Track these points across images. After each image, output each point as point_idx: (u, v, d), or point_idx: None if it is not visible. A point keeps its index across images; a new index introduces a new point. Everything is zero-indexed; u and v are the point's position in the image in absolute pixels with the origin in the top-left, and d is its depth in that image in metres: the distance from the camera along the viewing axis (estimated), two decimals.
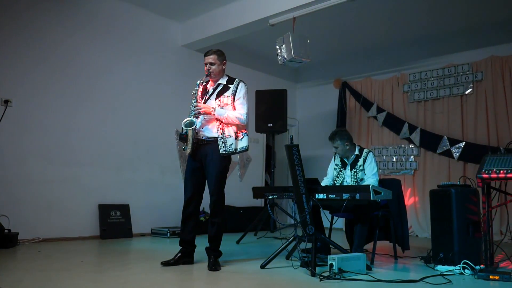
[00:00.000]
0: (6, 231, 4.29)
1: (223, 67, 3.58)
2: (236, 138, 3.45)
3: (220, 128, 3.41)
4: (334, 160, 4.26)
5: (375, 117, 7.26)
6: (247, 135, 3.53)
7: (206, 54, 3.55)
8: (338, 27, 6.42)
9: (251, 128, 6.32)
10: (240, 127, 3.49)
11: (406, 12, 5.85)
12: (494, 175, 3.21)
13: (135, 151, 5.76)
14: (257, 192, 4.04)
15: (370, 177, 3.91)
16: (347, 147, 4.05)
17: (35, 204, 4.78)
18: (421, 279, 3.00)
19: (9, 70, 4.72)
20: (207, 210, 3.83)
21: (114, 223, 5.37)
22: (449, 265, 3.42)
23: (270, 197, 3.78)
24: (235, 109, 3.46)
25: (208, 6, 5.91)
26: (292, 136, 3.70)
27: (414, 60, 7.00)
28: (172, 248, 3.62)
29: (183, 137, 3.42)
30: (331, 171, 4.25)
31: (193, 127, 3.37)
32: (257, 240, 5.43)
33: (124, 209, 5.54)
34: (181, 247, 3.49)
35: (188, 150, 3.42)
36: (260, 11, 5.42)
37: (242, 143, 3.48)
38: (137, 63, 5.90)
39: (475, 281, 3.04)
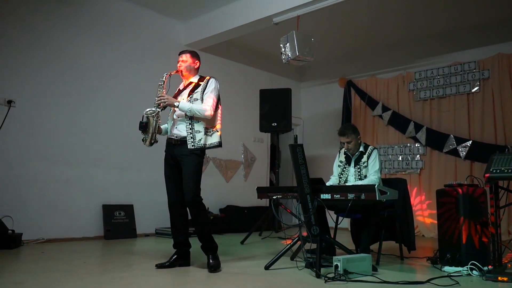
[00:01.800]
0: (9, 231, 4.28)
1: (196, 67, 3.54)
2: (206, 133, 3.35)
3: (190, 123, 3.33)
4: (339, 157, 4.21)
5: (380, 116, 7.20)
6: (218, 131, 3.43)
7: (180, 53, 3.56)
8: (343, 25, 6.37)
9: (255, 127, 6.30)
10: (210, 123, 3.39)
11: (412, 10, 5.79)
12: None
13: (139, 151, 5.68)
14: (261, 192, 4.00)
15: (372, 174, 3.86)
16: (359, 141, 4.01)
17: (39, 204, 4.77)
18: (428, 281, 2.95)
19: (13, 71, 4.72)
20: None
21: (118, 223, 5.35)
22: (457, 266, 3.36)
23: (274, 197, 3.74)
24: None
25: (211, 5, 5.88)
26: (296, 135, 3.65)
27: (419, 58, 6.93)
28: None
29: (142, 125, 3.33)
30: (336, 168, 4.21)
31: (154, 114, 3.30)
32: (261, 240, 5.40)
33: (128, 209, 5.53)
34: (175, 249, 3.44)
35: (147, 142, 3.35)
36: (263, 9, 5.38)
37: (212, 139, 3.38)
38: (141, 63, 5.88)
39: (483, 283, 2.98)
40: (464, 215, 3.46)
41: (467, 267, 3.25)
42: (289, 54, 4.95)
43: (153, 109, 3.35)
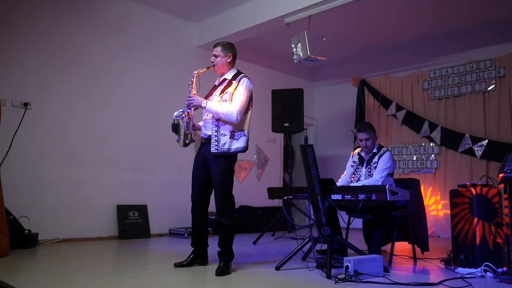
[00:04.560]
0: (26, 231, 4.37)
1: (228, 60, 3.40)
2: (232, 137, 3.24)
3: (216, 126, 3.26)
4: (352, 157, 4.20)
5: (394, 115, 7.13)
6: (245, 136, 3.32)
7: (214, 46, 3.46)
8: (355, 24, 6.33)
9: (267, 128, 6.31)
10: (238, 126, 3.28)
11: (425, 7, 5.72)
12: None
13: (152, 152, 5.79)
14: (272, 192, 4.00)
15: (376, 174, 3.82)
16: (375, 141, 4.01)
17: (54, 205, 4.86)
18: (440, 282, 2.92)
19: (30, 74, 4.81)
20: None
21: (132, 223, 5.41)
22: (470, 267, 3.32)
23: (285, 198, 3.74)
24: None
25: (223, 6, 5.90)
26: (307, 136, 3.65)
27: (434, 56, 6.85)
28: (189, 248, 3.60)
29: (173, 128, 3.34)
30: (348, 168, 4.19)
31: (181, 116, 3.30)
32: (274, 241, 5.40)
33: (142, 209, 5.58)
34: (193, 248, 3.46)
35: (180, 143, 3.35)
36: (275, 10, 5.38)
37: (238, 144, 3.27)
38: (154, 65, 5.94)
39: (497, 284, 2.94)
40: (478, 215, 3.41)
41: (481, 269, 3.20)
42: (301, 54, 4.94)
43: (181, 110, 3.34)
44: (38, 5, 4.92)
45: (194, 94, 3.38)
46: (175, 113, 3.36)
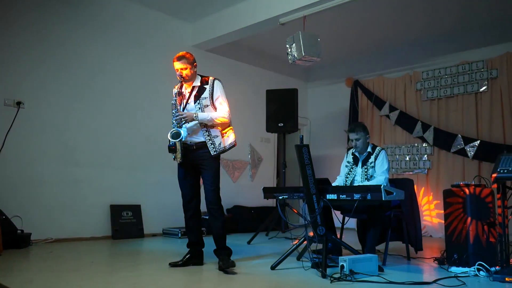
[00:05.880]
0: (19, 231, 4.33)
1: (195, 69, 3.52)
2: (223, 136, 3.47)
3: (206, 131, 3.41)
4: (346, 157, 4.21)
5: (387, 116, 7.18)
6: (232, 130, 3.56)
7: (174, 60, 3.46)
8: (349, 25, 6.36)
9: (261, 128, 6.31)
10: (224, 125, 3.49)
11: (418, 9, 5.76)
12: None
13: (147, 151, 5.77)
14: (267, 192, 4.00)
15: (380, 175, 3.83)
16: (367, 140, 4.01)
17: (47, 204, 4.82)
18: (435, 281, 2.95)
19: (22, 73, 4.77)
20: None
21: (126, 223, 5.39)
22: (464, 266, 3.35)
23: (280, 197, 3.75)
24: (215, 109, 3.44)
25: (218, 6, 5.89)
26: (302, 136, 3.65)
27: (427, 57, 6.89)
28: (183, 248, 3.62)
29: (171, 149, 3.39)
30: (343, 169, 4.20)
31: (180, 138, 3.33)
32: (268, 241, 5.40)
33: (136, 209, 5.56)
34: (189, 249, 3.51)
35: (179, 160, 3.41)
36: (270, 10, 5.39)
37: (230, 140, 3.51)
38: (148, 64, 5.91)
39: (490, 283, 2.97)
40: (471, 215, 3.45)
41: (474, 268, 3.24)
42: (295, 55, 4.95)
43: (177, 130, 3.34)
44: (32, 4, 4.88)
45: (179, 111, 3.41)
46: (171, 134, 3.36)
